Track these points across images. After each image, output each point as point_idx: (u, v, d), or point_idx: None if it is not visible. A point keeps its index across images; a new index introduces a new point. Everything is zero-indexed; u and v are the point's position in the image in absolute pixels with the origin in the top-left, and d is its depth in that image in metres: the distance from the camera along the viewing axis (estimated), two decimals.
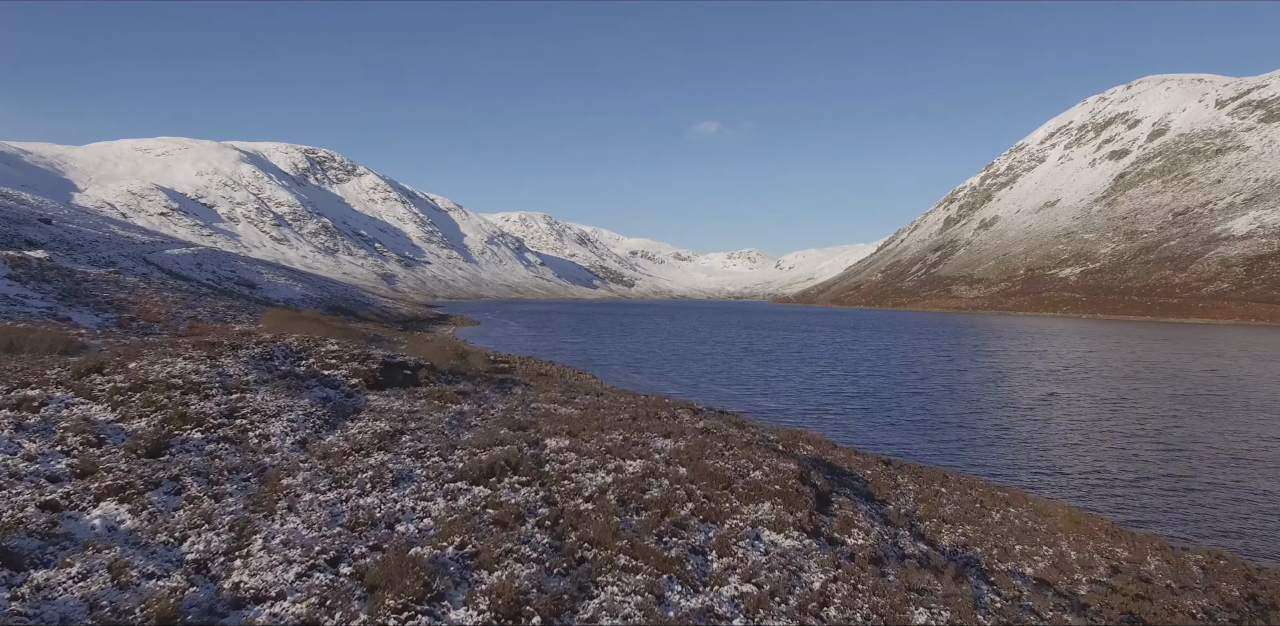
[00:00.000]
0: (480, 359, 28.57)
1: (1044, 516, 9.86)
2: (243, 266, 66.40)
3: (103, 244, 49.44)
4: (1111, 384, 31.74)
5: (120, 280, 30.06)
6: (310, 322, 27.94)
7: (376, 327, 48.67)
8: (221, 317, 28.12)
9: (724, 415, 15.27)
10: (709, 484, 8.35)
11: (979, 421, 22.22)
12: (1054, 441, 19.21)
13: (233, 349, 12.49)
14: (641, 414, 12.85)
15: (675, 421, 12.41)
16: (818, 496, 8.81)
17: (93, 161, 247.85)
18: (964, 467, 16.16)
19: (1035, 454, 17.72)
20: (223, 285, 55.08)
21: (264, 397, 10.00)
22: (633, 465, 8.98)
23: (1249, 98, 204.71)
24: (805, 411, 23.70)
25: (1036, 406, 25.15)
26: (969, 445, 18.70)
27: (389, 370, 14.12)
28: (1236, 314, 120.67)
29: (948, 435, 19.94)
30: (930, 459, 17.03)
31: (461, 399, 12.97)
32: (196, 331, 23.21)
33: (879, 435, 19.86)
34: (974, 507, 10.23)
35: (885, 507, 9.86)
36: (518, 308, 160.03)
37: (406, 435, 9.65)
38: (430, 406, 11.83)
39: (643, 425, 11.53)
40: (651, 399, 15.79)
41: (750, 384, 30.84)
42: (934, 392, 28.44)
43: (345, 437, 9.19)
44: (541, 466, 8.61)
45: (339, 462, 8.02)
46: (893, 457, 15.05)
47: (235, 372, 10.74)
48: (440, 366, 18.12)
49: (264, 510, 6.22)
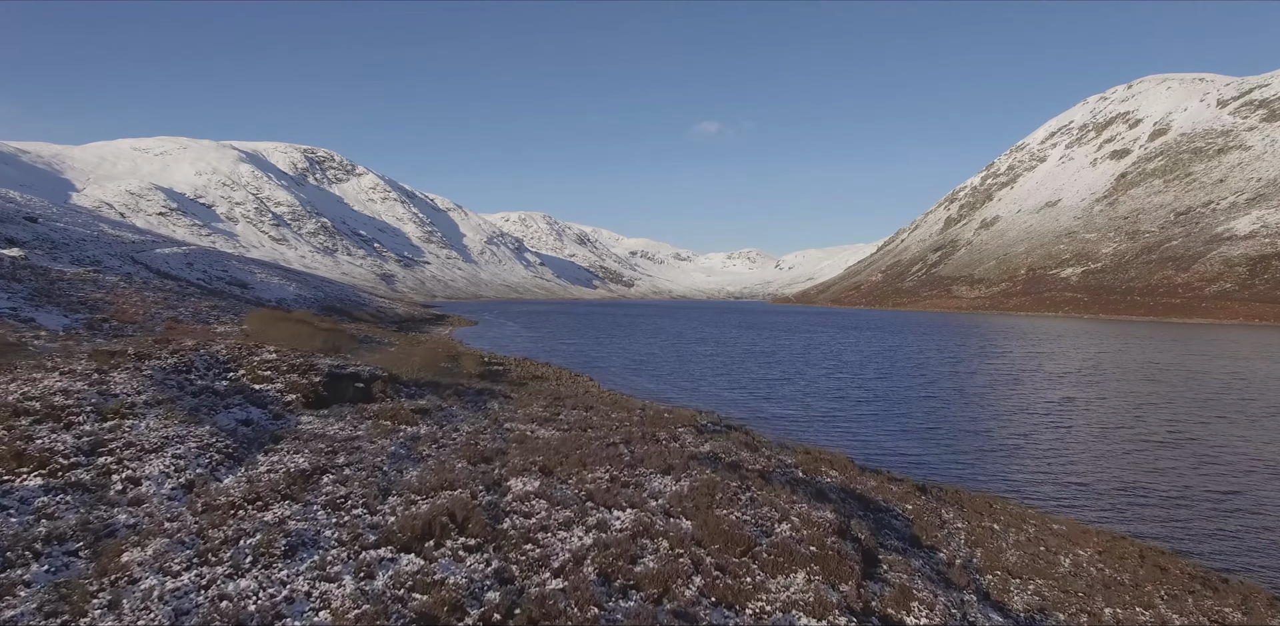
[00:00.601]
0: (473, 361, 27.43)
1: (1118, 559, 8.45)
2: (235, 266, 65.21)
3: (90, 243, 48.26)
4: (1129, 387, 30.58)
5: (99, 279, 28.88)
6: (296, 324, 26.78)
7: (370, 328, 47.50)
8: (204, 319, 26.96)
9: (731, 432, 13.52)
10: (722, 547, 6.48)
11: (997, 428, 20.95)
12: (1080, 451, 17.92)
13: (138, 359, 10.64)
14: (636, 436, 11.14)
15: (676, 445, 10.79)
16: (863, 554, 7.10)
17: (91, 161, 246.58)
18: (989, 483, 14.76)
19: (1064, 467, 16.33)
20: (213, 285, 53.90)
21: (150, 425, 8.03)
22: (621, 517, 7.02)
23: (1251, 97, 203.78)
24: (813, 418, 22.52)
25: (1055, 412, 23.95)
26: (990, 456, 17.42)
27: (336, 383, 12.29)
28: (1240, 314, 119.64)
29: (965, 445, 18.71)
30: (951, 473, 15.74)
31: (420, 419, 11.13)
32: (173, 333, 22.07)
33: (893, 444, 18.68)
34: (1037, 551, 8.73)
35: (937, 556, 8.27)
36: (517, 308, 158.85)
37: (329, 474, 7.65)
38: (377, 430, 10.01)
39: (637, 452, 9.87)
40: (649, 414, 14.15)
41: (753, 387, 29.69)
42: (945, 397, 27.26)
43: (247, 479, 7.31)
44: (499, 521, 6.70)
45: (219, 521, 6.05)
46: (927, 481, 13.46)
47: (124, 391, 8.89)
48: (405, 376, 16.11)
49: (67, 612, 4.33)
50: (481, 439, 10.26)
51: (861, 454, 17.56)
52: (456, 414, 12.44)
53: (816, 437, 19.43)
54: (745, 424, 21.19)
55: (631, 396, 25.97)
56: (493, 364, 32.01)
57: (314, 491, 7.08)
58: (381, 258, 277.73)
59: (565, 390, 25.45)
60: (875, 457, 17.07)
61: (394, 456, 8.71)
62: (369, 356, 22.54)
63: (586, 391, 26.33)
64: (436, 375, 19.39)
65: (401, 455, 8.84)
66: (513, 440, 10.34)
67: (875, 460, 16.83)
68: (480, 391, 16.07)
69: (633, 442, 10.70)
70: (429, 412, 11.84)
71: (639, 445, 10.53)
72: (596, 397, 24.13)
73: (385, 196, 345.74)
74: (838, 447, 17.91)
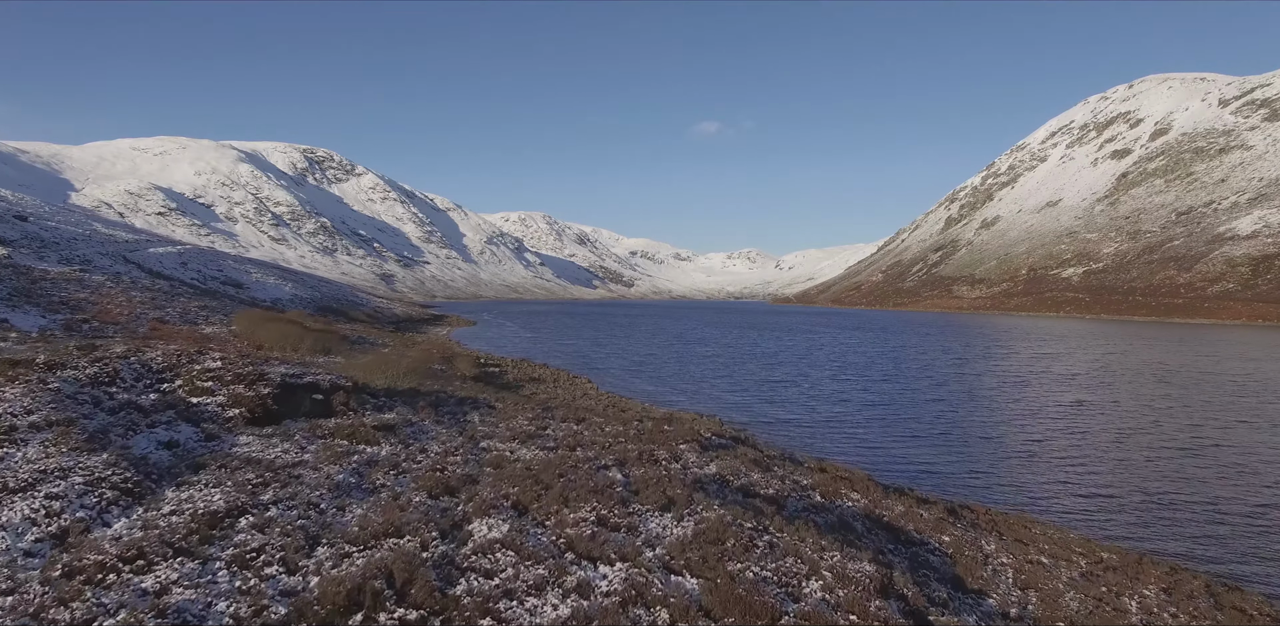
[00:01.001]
0: (468, 362, 26.73)
1: (1187, 598, 7.57)
2: (231, 266, 64.48)
3: (81, 242, 47.52)
4: (1140, 389, 29.87)
5: (84, 279, 28.16)
6: (286, 324, 26.09)
7: (365, 329, 46.78)
8: (192, 319, 26.25)
9: (738, 447, 12.50)
10: (739, 620, 5.13)
11: (1010, 434, 20.27)
12: (1100, 459, 17.20)
13: (48, 369, 9.21)
14: (631, 457, 9.84)
15: (677, 466, 9.69)
16: (912, 617, 5.80)
17: (90, 161, 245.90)
18: (1010, 495, 14.12)
19: (1086, 477, 15.64)
20: (208, 285, 53.18)
21: (29, 454, 6.44)
22: (608, 576, 5.63)
23: (1252, 96, 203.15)
24: (819, 423, 21.80)
25: (1068, 415, 23.24)
26: (1006, 464, 16.72)
27: (290, 395, 10.81)
28: (1243, 314, 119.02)
29: (978, 451, 18.01)
30: (967, 483, 15.06)
31: (382, 437, 9.72)
32: (157, 334, 21.35)
33: (904, 451, 17.96)
34: (1099, 593, 7.71)
35: (987, 603, 7.11)
36: (516, 308, 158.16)
37: (249, 516, 6.14)
38: (326, 453, 8.48)
39: (632, 478, 8.64)
40: (647, 426, 12.97)
41: (757, 390, 28.97)
42: (954, 400, 26.54)
43: (141, 524, 5.74)
44: (452, 583, 5.23)
45: (74, 593, 4.45)
46: (953, 499, 12.69)
47: (8, 411, 7.39)
48: (380, 383, 14.90)
49: None
50: (451, 462, 8.87)
51: (871, 462, 16.87)
52: (428, 430, 11.04)
53: (824, 444, 18.74)
54: (748, 428, 20.51)
55: (631, 399, 25.27)
56: (489, 365, 31.30)
57: (222, 542, 5.59)
58: (381, 258, 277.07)
59: (562, 394, 24.74)
60: (886, 466, 16.37)
61: (339, 488, 7.34)
62: (360, 358, 21.81)
63: (585, 394, 25.62)
64: (420, 380, 18.32)
65: (349, 486, 7.50)
66: (488, 464, 9.01)
67: (887, 469, 16.12)
68: (463, 400, 14.70)
69: (628, 464, 9.50)
70: (395, 429, 10.51)
71: (635, 468, 9.32)
72: (594, 400, 23.44)
73: (385, 196, 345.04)
74: (847, 456, 17.22)
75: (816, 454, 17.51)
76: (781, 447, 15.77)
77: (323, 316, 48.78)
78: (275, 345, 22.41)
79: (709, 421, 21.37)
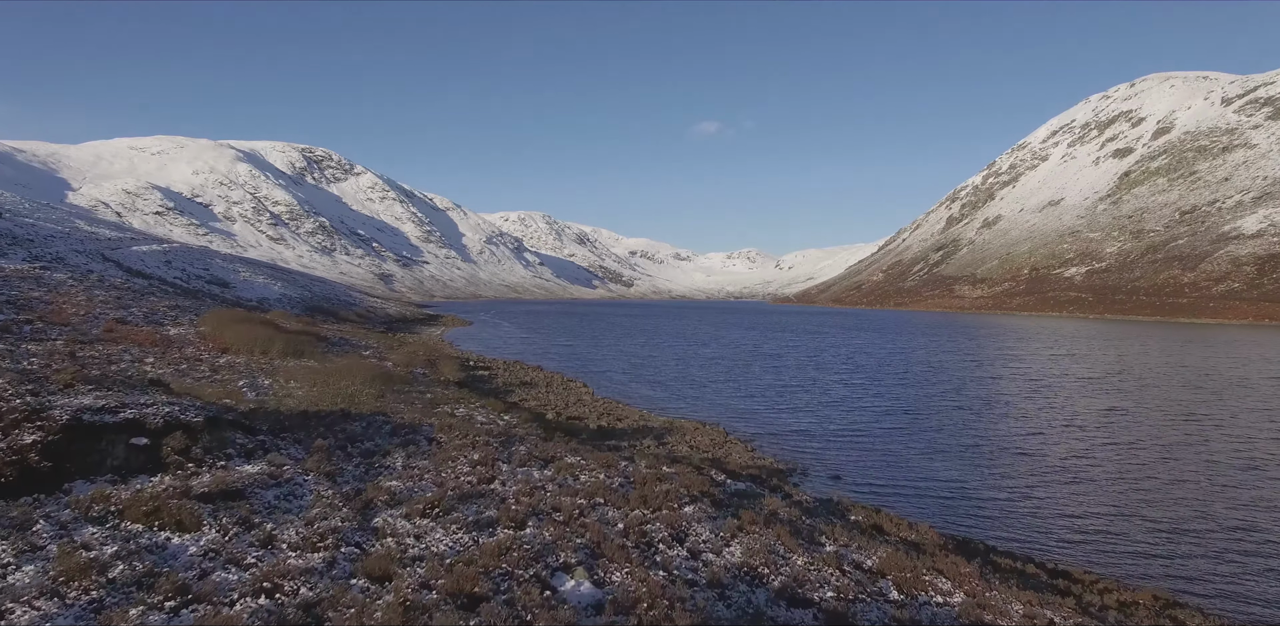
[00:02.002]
0: (453, 365, 25.02)
1: None
2: (218, 264, 62.77)
3: (59, 239, 45.78)
4: (1171, 395, 28.09)
5: (43, 277, 26.47)
6: (257, 325, 24.37)
7: (352, 329, 45.05)
8: (158, 320, 24.51)
9: (763, 491, 9.70)
10: None
11: (1045, 447, 18.34)
12: (1156, 480, 15.14)
13: None
14: (611, 541, 6.76)
15: (683, 554, 6.86)
16: None
17: (87, 160, 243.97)
18: (1064, 523, 12.24)
19: (1149, 506, 13.34)
20: (191, 284, 51.46)
21: None
22: None
23: (1256, 95, 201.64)
24: (834, 434, 19.99)
25: (1104, 425, 21.35)
26: (1050, 485, 14.72)
27: (89, 441, 7.21)
28: (1250, 314, 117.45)
29: (1016, 469, 16.08)
30: (1009, 508, 13.11)
31: (211, 512, 6.34)
32: (110, 336, 19.60)
33: (930, 466, 16.15)
34: None
35: None
36: (515, 308, 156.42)
37: None
38: (68, 563, 4.88)
39: (611, 597, 5.52)
40: (639, 469, 9.97)
41: (764, 396, 27.23)
42: (976, 407, 24.76)
43: None
44: None
45: None
46: (1086, 573, 10.07)
47: None
48: (288, 407, 12.10)
49: None
50: (296, 568, 5.48)
51: (894, 479, 15.17)
52: (304, 490, 7.64)
53: (844, 460, 17.02)
54: (756, 439, 18.83)
55: (628, 405, 23.58)
56: (478, 368, 29.58)
57: None
58: (380, 257, 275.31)
59: (554, 400, 22.99)
60: (913, 486, 14.65)
61: None
62: (335, 361, 19.99)
63: (579, 400, 23.86)
64: (382, 390, 16.09)
65: None
66: (365, 570, 5.61)
67: (914, 489, 14.40)
68: (396, 430, 11.31)
69: (603, 558, 6.41)
70: (243, 494, 7.04)
71: (615, 566, 6.23)
72: (587, 407, 21.69)
73: (384, 196, 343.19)
74: (872, 475, 15.48)
75: (834, 470, 15.82)
76: (814, 492, 13.31)
77: (309, 317, 47.04)
78: (242, 347, 20.67)
79: (713, 431, 19.64)
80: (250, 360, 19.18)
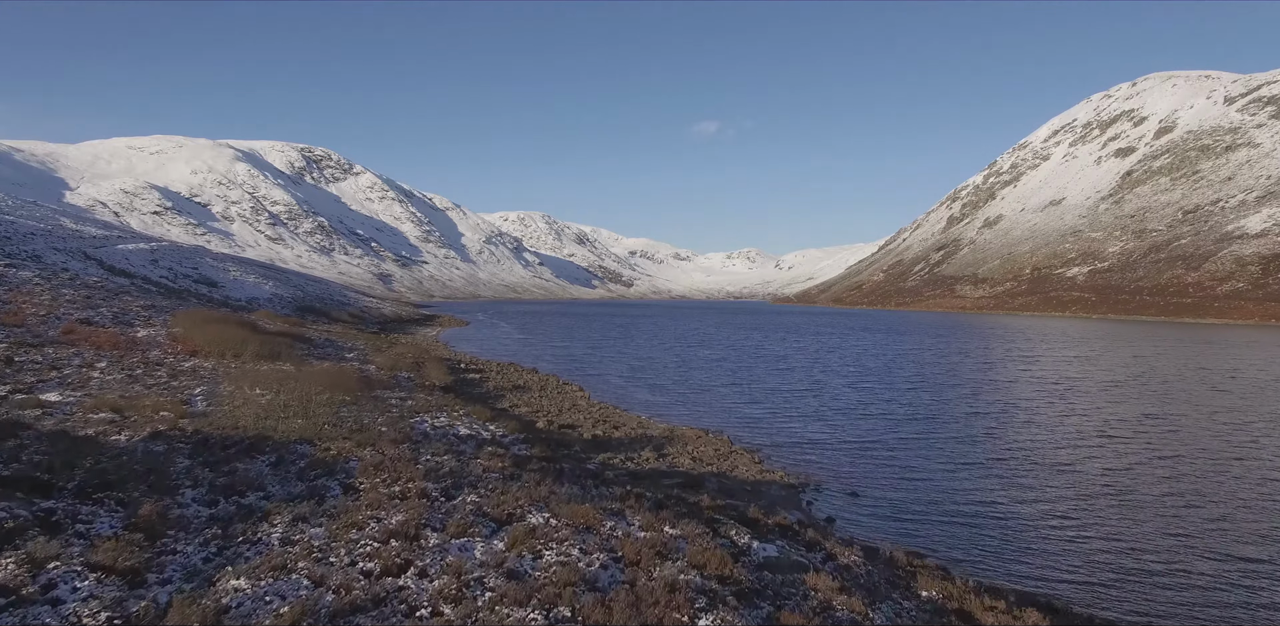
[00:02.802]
0: (441, 369, 23.59)
1: None
2: (208, 263, 61.34)
3: (38, 237, 44.36)
4: (1202, 399, 26.54)
5: (5, 275, 25.08)
6: (234, 326, 22.95)
7: (343, 330, 43.65)
8: (128, 320, 23.11)
9: (802, 564, 7.40)
10: None
11: (1083, 460, 16.64)
12: (1217, 497, 13.49)
13: None
14: None
15: None
16: None
17: (85, 160, 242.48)
18: (1135, 560, 10.46)
19: (1218, 536, 11.45)
20: (178, 283, 50.06)
21: None
22: None
23: (1259, 94, 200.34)
24: (847, 444, 18.52)
25: (1141, 435, 19.61)
26: (1097, 506, 12.99)
27: None
28: (1255, 314, 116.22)
29: (1053, 484, 14.36)
30: (1054, 533, 11.55)
31: None
32: (69, 337, 18.20)
33: (957, 485, 14.50)
34: None
35: None
36: (514, 308, 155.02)
37: None
38: None
39: None
40: (636, 530, 7.33)
41: (770, 401, 25.81)
42: (996, 413, 23.29)
43: None
44: None
45: None
46: (1058, 602, 8.73)
47: None
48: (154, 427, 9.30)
49: None
50: None
51: (917, 498, 13.75)
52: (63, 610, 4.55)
53: (857, 471, 15.64)
54: (763, 450, 17.41)
55: (626, 411, 22.21)
56: (469, 371, 28.17)
57: None
58: (379, 257, 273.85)
59: (548, 405, 21.56)
60: (940, 507, 13.17)
61: None
62: (316, 365, 18.54)
63: (574, 405, 22.44)
64: (338, 404, 13.24)
65: None
66: None
67: (942, 512, 12.91)
68: (306, 470, 8.66)
69: None
70: None
71: None
72: (582, 414, 20.27)
73: (383, 196, 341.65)
74: (894, 493, 14.02)
75: (850, 486, 14.40)
76: (845, 525, 11.51)
77: (298, 317, 45.62)
78: (214, 350, 19.26)
79: (716, 441, 18.23)
80: (219, 364, 17.79)
